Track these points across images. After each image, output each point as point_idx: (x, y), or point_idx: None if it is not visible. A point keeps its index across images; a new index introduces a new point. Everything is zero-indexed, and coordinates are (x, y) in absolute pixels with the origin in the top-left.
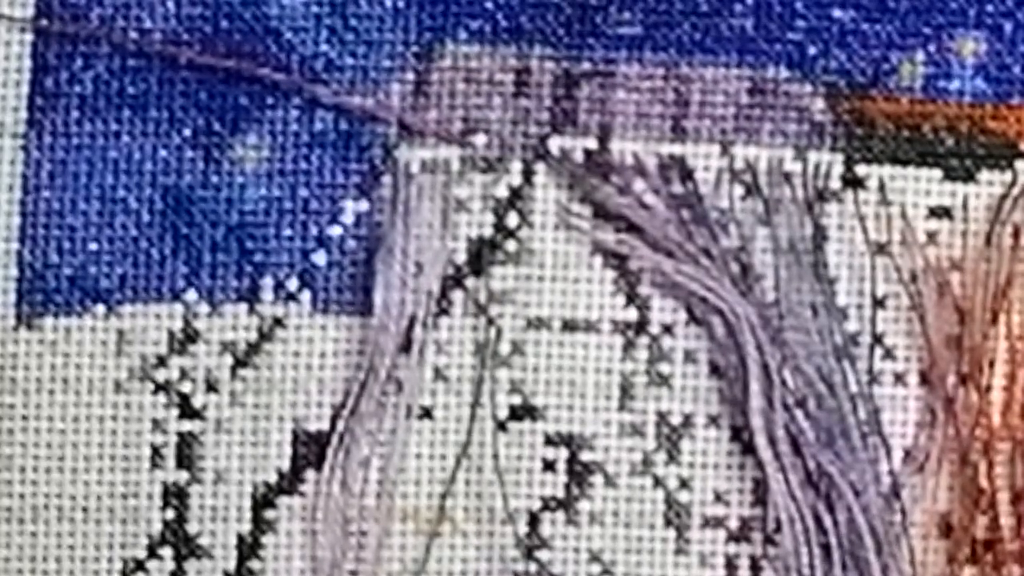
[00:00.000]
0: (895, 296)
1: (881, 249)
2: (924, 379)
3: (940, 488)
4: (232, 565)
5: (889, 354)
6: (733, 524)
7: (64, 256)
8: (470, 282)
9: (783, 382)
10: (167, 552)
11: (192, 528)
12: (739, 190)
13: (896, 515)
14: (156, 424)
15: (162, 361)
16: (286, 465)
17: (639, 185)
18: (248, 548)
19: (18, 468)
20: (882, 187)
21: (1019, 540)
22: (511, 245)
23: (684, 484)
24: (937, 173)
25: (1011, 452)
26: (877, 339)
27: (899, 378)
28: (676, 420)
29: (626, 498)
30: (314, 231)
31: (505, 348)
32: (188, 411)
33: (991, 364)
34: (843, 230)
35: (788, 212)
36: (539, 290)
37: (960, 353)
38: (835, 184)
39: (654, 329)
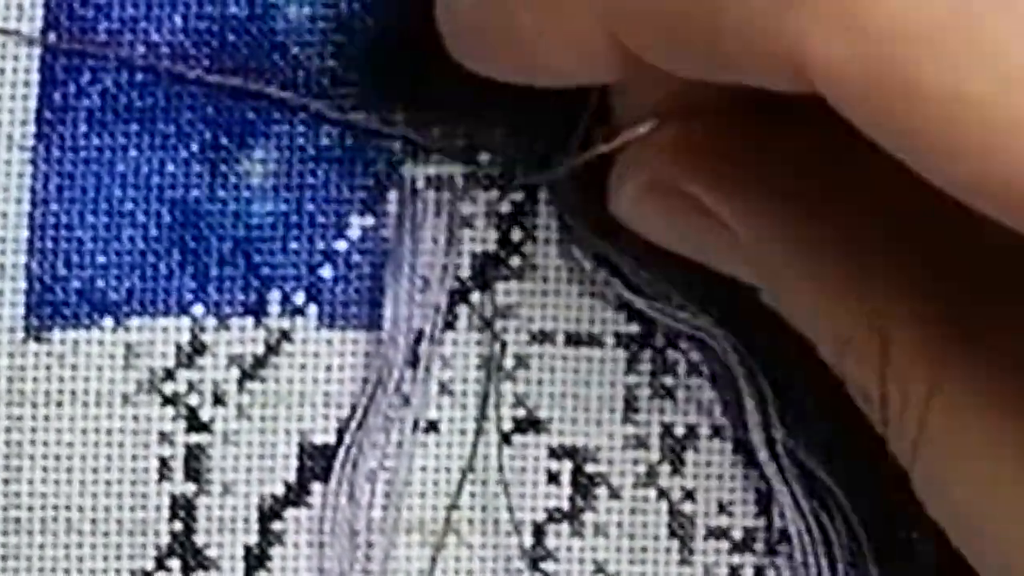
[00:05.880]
0: None
1: None
2: None
3: None
4: None
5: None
6: (737, 534)
7: (72, 269)
8: (475, 297)
9: (781, 396)
10: (175, 563)
11: (199, 540)
12: None
13: (899, 526)
14: (164, 436)
15: (170, 374)
16: (293, 477)
17: None
18: (255, 560)
19: (26, 480)
20: None
21: None
22: (515, 260)
23: (688, 495)
24: None
25: None
26: None
27: None
28: (680, 432)
29: (630, 509)
30: (320, 245)
31: (510, 362)
32: (196, 424)
33: None
34: None
35: None
36: (543, 304)
37: None
38: None
39: (658, 342)
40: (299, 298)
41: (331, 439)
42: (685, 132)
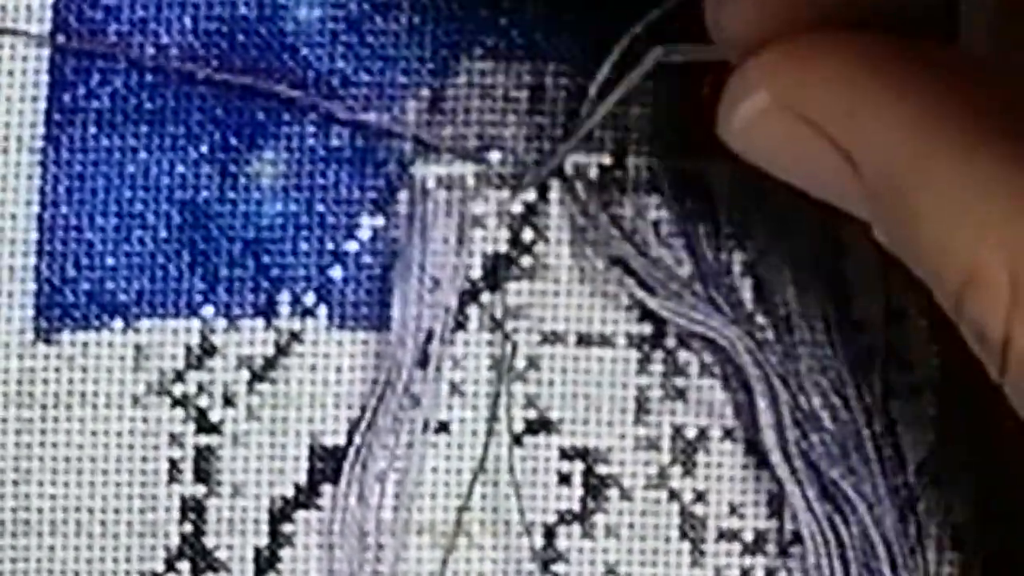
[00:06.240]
0: (911, 308)
1: (898, 261)
2: (939, 392)
3: (955, 501)
4: None
5: (904, 367)
6: (748, 536)
7: (82, 271)
8: (486, 297)
9: (793, 398)
10: (185, 565)
11: (210, 542)
12: (755, 202)
13: (911, 528)
14: (174, 438)
15: (180, 376)
16: (303, 479)
17: (653, 201)
18: (265, 561)
19: (36, 482)
20: None
21: None
22: (526, 260)
23: (699, 497)
24: None
25: None
26: (893, 352)
27: (914, 391)
28: (691, 434)
29: (642, 511)
30: (330, 246)
31: (521, 363)
32: (205, 425)
33: None
34: (860, 242)
35: (804, 224)
36: (554, 305)
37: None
38: None
39: (669, 343)
40: (309, 299)
41: (341, 440)
42: (805, 55)
